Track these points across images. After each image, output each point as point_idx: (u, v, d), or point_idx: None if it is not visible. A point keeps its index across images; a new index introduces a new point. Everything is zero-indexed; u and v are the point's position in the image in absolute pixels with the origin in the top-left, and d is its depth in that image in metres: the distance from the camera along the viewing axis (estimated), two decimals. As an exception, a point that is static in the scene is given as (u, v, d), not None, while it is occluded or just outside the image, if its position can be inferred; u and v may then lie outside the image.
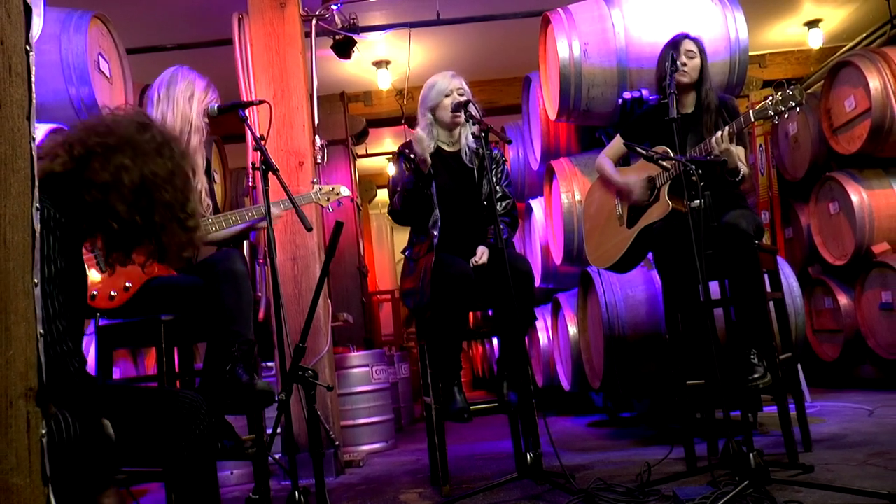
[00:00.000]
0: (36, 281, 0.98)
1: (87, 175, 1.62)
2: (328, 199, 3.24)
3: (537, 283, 5.49)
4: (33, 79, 0.98)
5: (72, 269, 1.61)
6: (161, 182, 1.70)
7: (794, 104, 2.83)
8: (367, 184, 9.86)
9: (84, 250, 1.79)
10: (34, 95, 0.99)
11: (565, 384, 5.28)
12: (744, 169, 3.10)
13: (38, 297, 0.98)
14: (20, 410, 0.95)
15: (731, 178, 3.05)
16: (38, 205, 0.97)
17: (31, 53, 0.99)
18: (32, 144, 0.98)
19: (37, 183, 0.98)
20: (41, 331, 0.98)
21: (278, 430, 2.58)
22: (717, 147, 2.98)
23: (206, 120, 3.04)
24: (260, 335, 3.23)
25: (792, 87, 2.87)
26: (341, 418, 4.56)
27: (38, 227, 0.97)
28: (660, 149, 3.08)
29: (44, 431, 0.98)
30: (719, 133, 2.99)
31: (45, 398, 0.98)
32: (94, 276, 2.64)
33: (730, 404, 2.85)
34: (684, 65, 3.19)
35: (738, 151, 3.16)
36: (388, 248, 12.05)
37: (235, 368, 2.64)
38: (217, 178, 5.72)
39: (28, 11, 0.99)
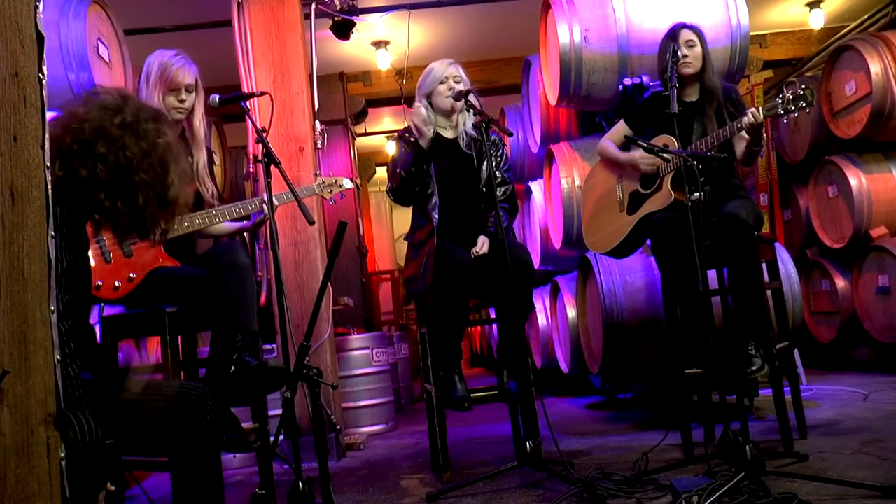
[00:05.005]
0: (52, 308, 1.00)
1: (70, 175, 1.63)
2: (331, 192, 3.23)
3: (536, 265, 5.52)
4: (46, 106, 0.99)
5: (78, 262, 1.62)
6: (137, 163, 1.71)
7: (804, 104, 2.83)
8: (365, 162, 9.83)
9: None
10: (47, 122, 1.00)
11: (564, 366, 5.33)
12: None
13: (55, 324, 1.00)
14: (40, 437, 0.98)
15: (756, 146, 3.08)
16: (53, 232, 0.99)
17: (43, 81, 1.00)
18: (47, 173, 0.99)
19: (51, 211, 1.00)
20: (58, 357, 1.00)
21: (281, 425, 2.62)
22: (755, 119, 2.95)
23: (182, 91, 2.96)
24: (261, 318, 3.25)
25: (803, 87, 2.86)
26: (342, 400, 4.60)
27: (52, 254, 0.99)
28: (660, 140, 3.08)
29: (62, 454, 1.01)
30: (745, 120, 2.96)
31: (63, 420, 1.01)
32: (98, 266, 2.66)
33: (726, 389, 2.89)
34: (685, 56, 3.18)
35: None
36: (387, 227, 12.03)
37: (242, 356, 2.67)
38: (217, 159, 5.71)
39: (41, 40, 0.99)
